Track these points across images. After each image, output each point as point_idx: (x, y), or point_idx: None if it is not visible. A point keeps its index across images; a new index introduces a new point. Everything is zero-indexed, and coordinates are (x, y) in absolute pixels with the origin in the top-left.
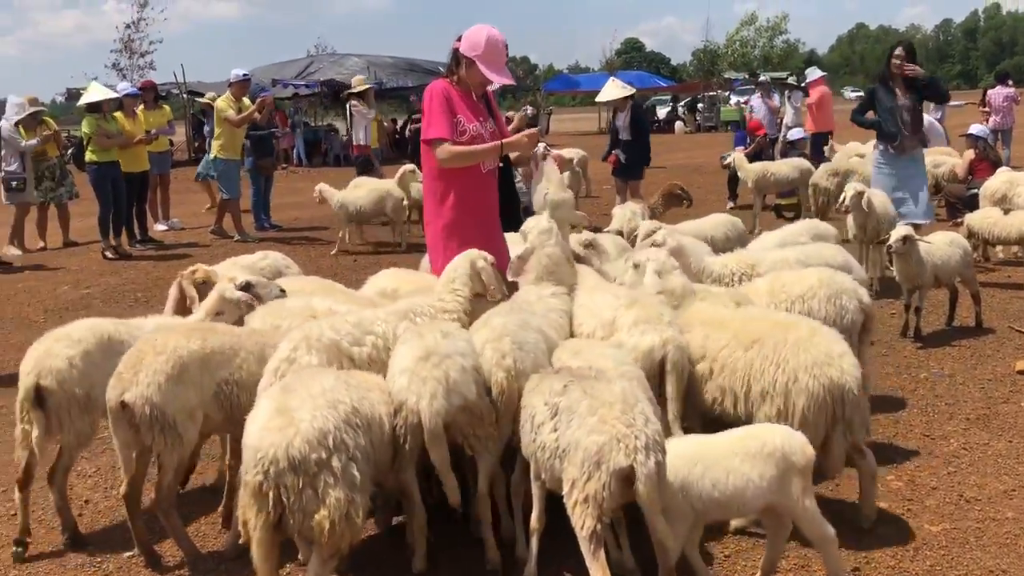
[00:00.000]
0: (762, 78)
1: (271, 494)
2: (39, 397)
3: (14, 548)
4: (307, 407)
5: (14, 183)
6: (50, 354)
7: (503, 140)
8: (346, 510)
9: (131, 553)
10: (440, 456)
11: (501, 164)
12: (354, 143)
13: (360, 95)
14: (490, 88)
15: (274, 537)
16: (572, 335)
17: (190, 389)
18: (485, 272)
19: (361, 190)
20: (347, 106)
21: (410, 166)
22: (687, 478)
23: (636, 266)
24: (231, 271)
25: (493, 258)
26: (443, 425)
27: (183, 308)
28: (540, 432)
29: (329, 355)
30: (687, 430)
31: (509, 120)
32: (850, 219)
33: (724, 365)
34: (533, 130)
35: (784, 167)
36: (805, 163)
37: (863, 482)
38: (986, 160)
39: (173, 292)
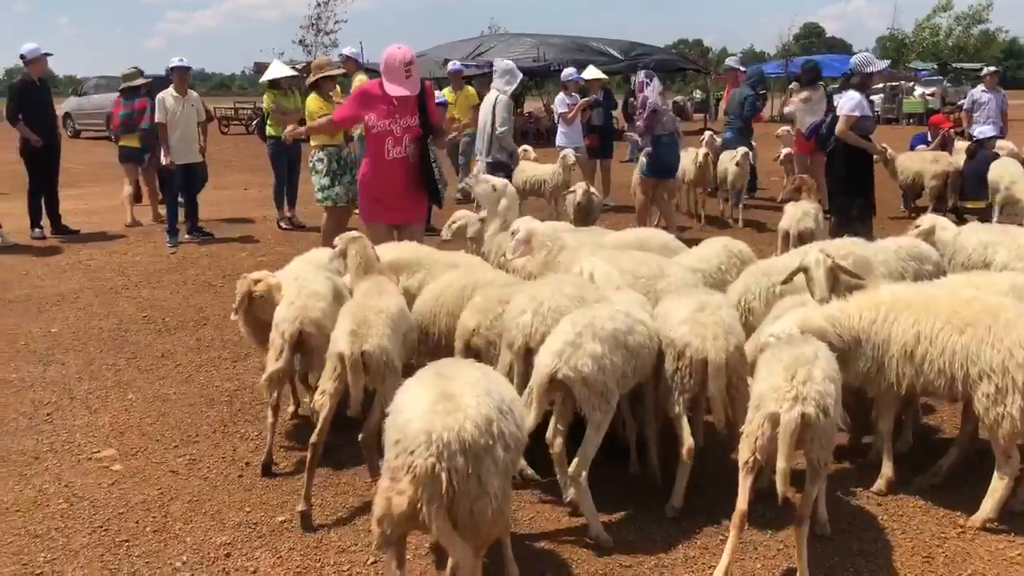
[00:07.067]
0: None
1: (443, 476)
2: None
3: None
4: (469, 393)
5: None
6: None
7: (308, 125)
8: (502, 500)
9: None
10: (720, 387)
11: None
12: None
13: None
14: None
15: (448, 523)
16: None
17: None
18: None
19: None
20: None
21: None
22: None
23: (514, 233)
24: None
25: None
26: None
27: None
28: None
29: (609, 345)
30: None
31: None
32: None
33: None
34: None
35: None
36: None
37: None
38: None
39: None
